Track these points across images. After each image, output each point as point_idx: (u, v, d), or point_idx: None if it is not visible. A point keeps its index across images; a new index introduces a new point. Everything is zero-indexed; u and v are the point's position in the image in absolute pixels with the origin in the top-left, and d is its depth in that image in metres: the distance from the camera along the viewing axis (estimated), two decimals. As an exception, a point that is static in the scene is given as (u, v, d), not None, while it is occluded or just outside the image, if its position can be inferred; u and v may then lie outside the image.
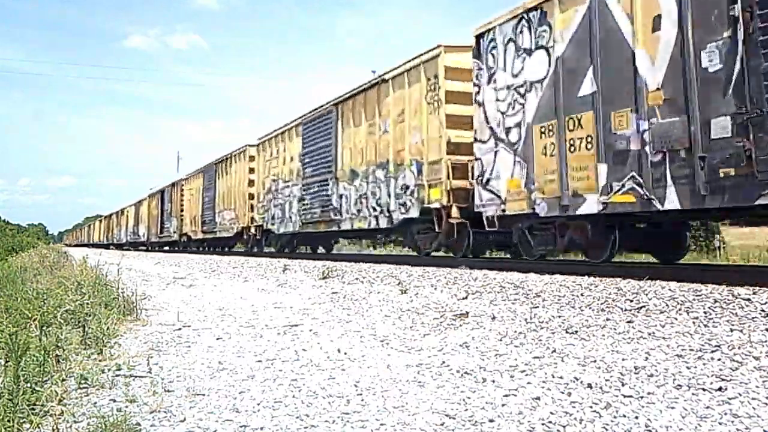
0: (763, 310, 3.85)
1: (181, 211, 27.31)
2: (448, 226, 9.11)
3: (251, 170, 18.62)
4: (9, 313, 4.39)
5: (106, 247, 55.91)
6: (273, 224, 16.58)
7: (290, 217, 15.32)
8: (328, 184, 13.07)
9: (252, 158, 18.61)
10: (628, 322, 4.06)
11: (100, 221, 67.40)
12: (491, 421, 2.43)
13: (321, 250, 18.28)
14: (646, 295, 4.72)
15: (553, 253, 8.59)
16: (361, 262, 10.75)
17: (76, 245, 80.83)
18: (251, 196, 18.50)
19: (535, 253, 8.10)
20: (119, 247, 46.40)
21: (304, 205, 14.22)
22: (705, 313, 4.01)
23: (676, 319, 3.98)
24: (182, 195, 27.46)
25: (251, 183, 18.57)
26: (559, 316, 4.46)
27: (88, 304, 4.66)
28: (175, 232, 28.04)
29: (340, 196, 12.51)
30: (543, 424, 2.38)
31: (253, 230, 18.35)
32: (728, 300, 4.22)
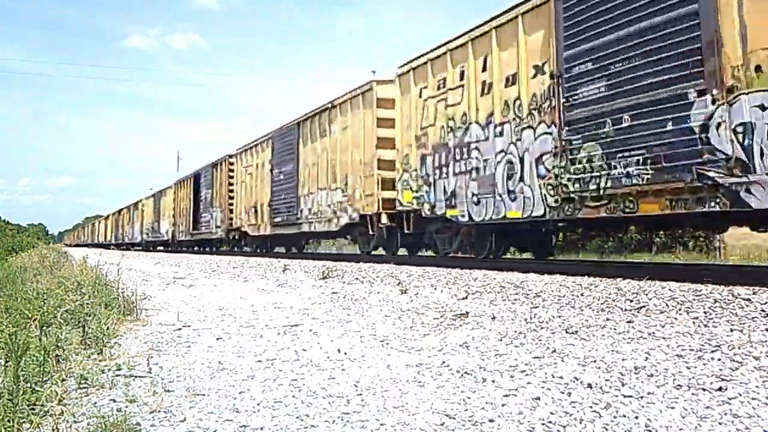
0: (763, 310, 3.85)
1: (230, 198, 20.00)
2: None
3: (383, 122, 11.27)
4: (9, 313, 4.39)
5: (108, 247, 50.56)
6: (452, 206, 8.97)
7: (511, 191, 7.76)
8: (704, 104, 5.26)
9: (385, 103, 11.28)
10: (628, 322, 4.06)
11: (107, 218, 57.83)
12: (491, 421, 2.43)
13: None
14: (646, 295, 4.72)
15: None
16: (361, 262, 10.75)
17: (78, 245, 75.41)
18: (384, 164, 11.17)
19: None
20: (131, 247, 41.24)
21: (575, 161, 6.67)
22: (705, 313, 4.01)
23: (676, 319, 3.98)
24: (231, 176, 20.16)
25: (384, 142, 11.20)
26: (559, 316, 4.46)
27: (88, 304, 4.66)
28: (219, 227, 20.66)
29: None
30: (543, 424, 2.38)
31: (385, 219, 11.04)
32: (728, 300, 4.22)
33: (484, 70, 8.33)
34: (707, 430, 2.25)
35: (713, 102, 5.28)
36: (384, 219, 11.08)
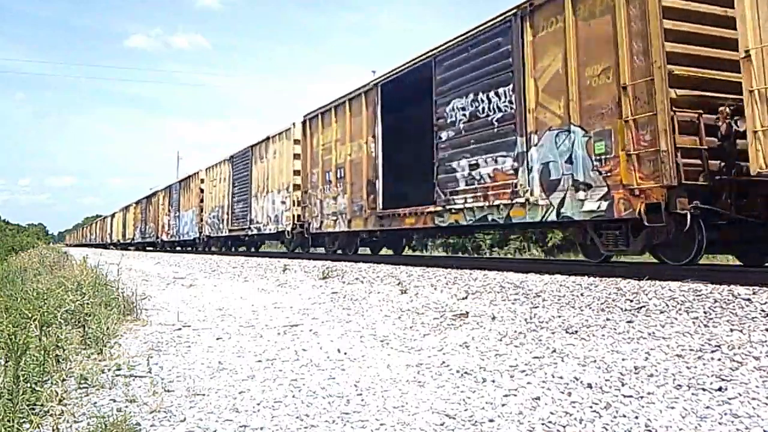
0: (763, 310, 3.85)
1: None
2: None
3: None
4: (9, 313, 4.39)
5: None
6: None
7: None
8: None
9: None
10: (628, 322, 4.06)
11: (127, 209, 41.07)
12: (491, 421, 2.43)
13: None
14: (646, 295, 4.72)
15: None
16: (361, 262, 10.74)
17: (81, 246, 65.74)
18: None
19: None
20: (172, 247, 28.67)
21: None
22: (705, 313, 4.00)
23: (676, 319, 3.98)
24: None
25: None
26: (559, 316, 4.46)
27: (88, 304, 4.66)
28: (598, 192, 6.33)
29: None
30: (543, 424, 2.38)
31: None
32: (728, 300, 4.22)
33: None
34: (707, 430, 2.25)
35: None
36: None
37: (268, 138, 16.34)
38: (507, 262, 8.48)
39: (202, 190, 23.00)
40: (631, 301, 4.62)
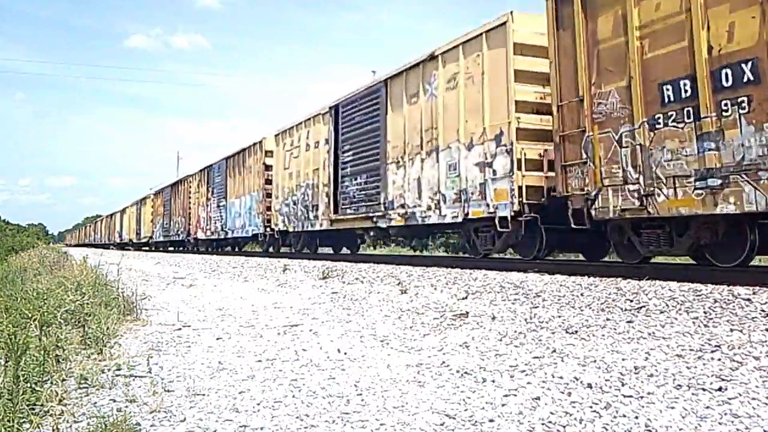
0: (763, 310, 3.85)
1: None
2: None
3: None
4: (9, 313, 4.39)
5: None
6: None
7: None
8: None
9: None
10: (628, 322, 4.06)
11: (140, 203, 34.69)
12: (491, 421, 2.43)
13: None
14: (646, 295, 4.72)
15: None
16: (361, 263, 10.74)
17: (84, 246, 59.35)
18: None
19: None
20: (206, 248, 22.82)
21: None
22: (705, 313, 4.00)
23: (676, 319, 3.98)
24: None
25: None
26: (559, 316, 4.46)
27: (88, 304, 4.66)
28: None
29: None
30: (543, 424, 2.38)
31: None
32: (728, 300, 4.22)
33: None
34: (707, 430, 2.25)
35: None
36: None
37: (433, 56, 9.41)
38: (507, 262, 8.48)
39: (268, 167, 16.43)
40: (631, 301, 4.62)
